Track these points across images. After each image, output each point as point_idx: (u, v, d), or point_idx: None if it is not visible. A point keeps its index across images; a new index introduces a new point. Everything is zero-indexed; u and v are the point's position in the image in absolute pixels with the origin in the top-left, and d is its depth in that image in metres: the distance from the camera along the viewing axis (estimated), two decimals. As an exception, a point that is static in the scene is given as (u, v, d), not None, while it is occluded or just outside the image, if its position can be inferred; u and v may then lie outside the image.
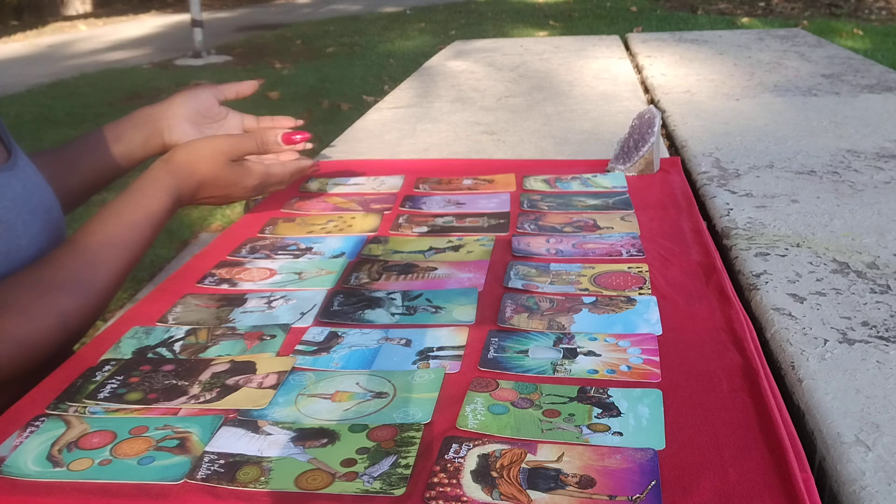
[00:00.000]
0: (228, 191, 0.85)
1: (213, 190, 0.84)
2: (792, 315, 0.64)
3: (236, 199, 0.88)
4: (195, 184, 0.82)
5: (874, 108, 1.30)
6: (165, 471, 0.49)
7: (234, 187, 0.85)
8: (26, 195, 0.73)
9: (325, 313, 0.69)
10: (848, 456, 0.47)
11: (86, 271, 0.70)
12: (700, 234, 0.82)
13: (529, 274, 0.75)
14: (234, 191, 0.86)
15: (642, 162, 1.02)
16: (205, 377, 0.59)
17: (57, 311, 0.66)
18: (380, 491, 0.46)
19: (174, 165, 0.81)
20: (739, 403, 0.53)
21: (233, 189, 0.85)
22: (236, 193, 0.86)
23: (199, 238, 2.91)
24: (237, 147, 0.84)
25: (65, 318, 0.66)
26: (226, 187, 0.85)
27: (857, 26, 6.48)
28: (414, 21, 8.30)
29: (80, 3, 11.60)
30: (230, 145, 0.84)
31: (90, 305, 0.69)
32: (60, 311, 0.66)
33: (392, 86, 1.89)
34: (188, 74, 6.14)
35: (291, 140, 0.88)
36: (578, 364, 0.59)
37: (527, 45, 2.22)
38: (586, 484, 0.46)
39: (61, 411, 0.56)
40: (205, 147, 0.83)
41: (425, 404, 0.55)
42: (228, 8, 11.23)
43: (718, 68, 1.70)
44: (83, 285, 0.69)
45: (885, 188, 0.93)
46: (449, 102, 1.55)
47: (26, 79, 6.18)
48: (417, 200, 0.98)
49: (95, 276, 0.70)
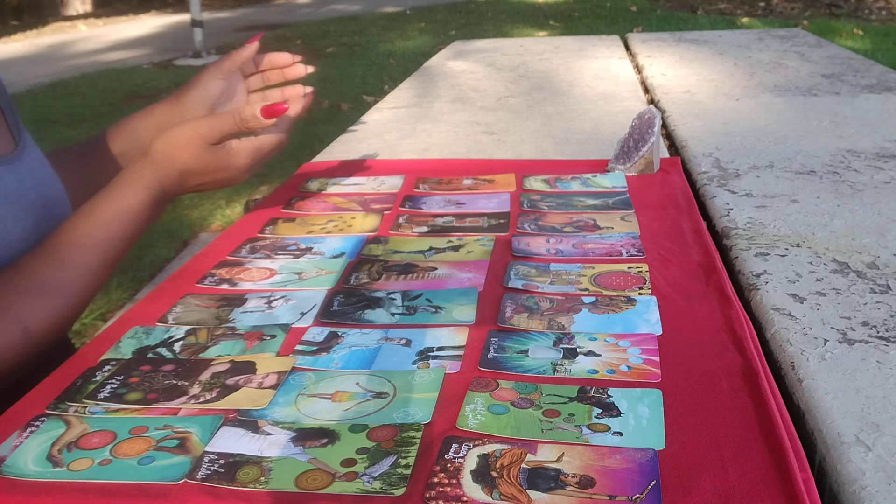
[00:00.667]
0: (219, 175, 0.81)
1: (201, 176, 0.81)
2: (792, 315, 0.64)
3: (234, 181, 0.84)
4: (177, 173, 0.79)
5: (874, 108, 1.30)
6: (165, 471, 0.49)
7: (225, 170, 0.81)
8: (22, 190, 0.72)
9: (325, 313, 0.69)
10: (848, 456, 0.47)
11: (53, 274, 0.67)
12: (700, 234, 0.82)
13: (529, 274, 0.75)
14: (225, 174, 0.82)
15: (642, 162, 1.02)
16: (205, 377, 0.59)
17: (15, 318, 0.63)
18: (380, 491, 0.46)
19: (151, 158, 0.78)
20: (739, 403, 0.53)
21: (223, 173, 0.81)
22: (230, 176, 0.82)
23: (199, 238, 2.91)
24: (214, 129, 0.79)
25: (25, 325, 0.64)
26: (213, 171, 0.81)
27: (857, 26, 6.48)
28: (414, 21, 8.30)
29: (80, 3, 11.60)
30: (207, 127, 0.79)
31: (57, 309, 0.66)
32: (19, 318, 0.63)
33: (392, 86, 1.89)
34: (188, 74, 6.13)
35: (272, 113, 0.80)
36: (578, 364, 0.59)
37: (527, 45, 2.22)
38: (586, 484, 0.46)
39: (61, 411, 0.56)
40: (181, 134, 0.79)
41: (425, 404, 0.55)
42: (228, 8, 11.24)
43: (718, 68, 1.70)
44: (49, 289, 0.66)
45: (885, 188, 0.93)
46: (449, 102, 1.55)
47: (26, 79, 6.19)
48: (417, 200, 0.98)
49: (63, 279, 0.67)
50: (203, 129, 0.79)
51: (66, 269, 0.68)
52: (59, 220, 0.76)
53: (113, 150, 0.90)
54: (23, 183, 0.73)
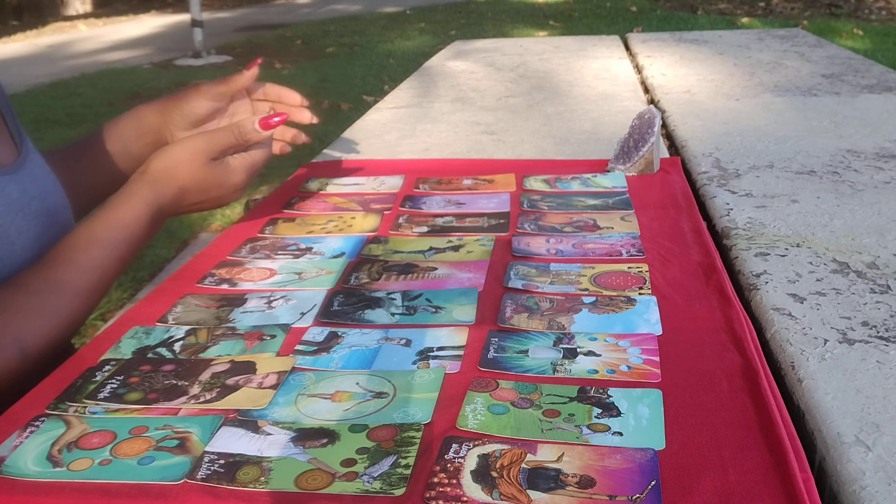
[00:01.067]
0: (214, 193, 0.81)
1: (198, 195, 0.81)
2: (792, 315, 0.64)
3: (227, 200, 0.83)
4: (176, 190, 0.79)
5: (874, 108, 1.30)
6: (165, 471, 0.49)
7: (221, 188, 0.81)
8: (25, 200, 0.72)
9: (325, 313, 0.69)
10: (848, 456, 0.47)
11: (51, 294, 0.67)
12: (700, 234, 0.82)
13: (529, 274, 0.75)
14: (221, 192, 0.82)
15: (642, 162, 1.02)
16: (205, 377, 0.59)
17: (14, 337, 0.63)
18: (380, 491, 0.46)
19: (150, 175, 0.77)
20: (739, 403, 0.53)
21: (219, 190, 0.81)
22: (225, 194, 0.82)
23: (199, 238, 2.91)
24: (215, 143, 0.80)
25: (22, 344, 0.63)
26: (210, 189, 0.81)
27: (857, 26, 6.48)
28: (414, 21, 8.30)
29: (80, 3, 11.60)
30: (207, 143, 0.79)
31: (54, 329, 0.66)
32: (17, 336, 0.63)
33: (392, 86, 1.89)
34: (188, 74, 6.14)
35: (269, 125, 0.82)
36: (578, 364, 0.59)
37: (527, 45, 2.22)
38: (586, 484, 0.46)
39: (61, 411, 0.56)
40: (181, 150, 0.79)
41: (425, 404, 0.55)
42: (228, 8, 11.24)
43: (718, 68, 1.70)
44: (46, 309, 0.66)
45: (885, 188, 0.93)
46: (449, 102, 1.55)
47: (26, 79, 6.19)
48: (417, 200, 0.98)
49: (60, 300, 0.67)
50: (202, 144, 0.79)
51: (65, 290, 0.68)
52: (63, 228, 0.76)
53: (103, 150, 0.90)
54: (26, 192, 0.73)
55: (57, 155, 0.88)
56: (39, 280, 0.67)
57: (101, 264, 0.71)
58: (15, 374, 0.63)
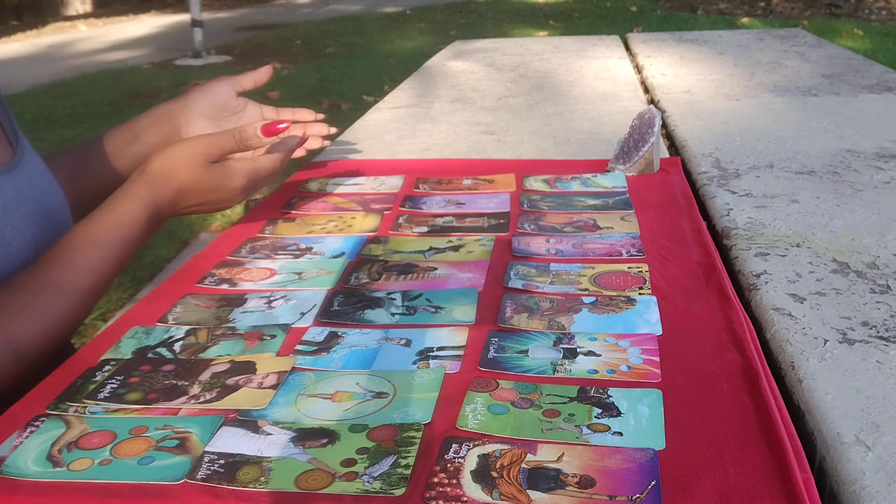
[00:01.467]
0: (212, 196, 0.80)
1: (197, 197, 0.80)
2: (792, 315, 0.64)
3: (226, 203, 0.83)
4: (174, 191, 0.78)
5: (874, 108, 1.30)
6: (165, 471, 0.49)
7: (219, 191, 0.80)
8: (21, 200, 0.72)
9: (325, 313, 0.69)
10: (848, 456, 0.47)
11: (47, 295, 0.66)
12: (700, 234, 0.82)
13: (529, 274, 0.75)
14: (219, 195, 0.81)
15: (642, 162, 1.02)
16: (205, 377, 0.59)
17: (8, 339, 0.63)
18: (380, 491, 0.46)
19: (149, 175, 0.77)
20: (739, 403, 0.53)
21: (218, 193, 0.80)
22: (224, 197, 0.81)
23: (199, 238, 2.91)
24: (215, 146, 0.79)
25: (16, 346, 0.63)
26: (209, 192, 0.80)
27: (857, 26, 6.48)
28: (414, 21, 8.30)
29: (80, 3, 11.60)
30: (207, 145, 0.79)
31: (49, 331, 0.66)
32: (11, 338, 0.63)
33: (392, 86, 1.89)
34: (188, 74, 6.14)
35: (273, 131, 0.81)
36: (578, 364, 0.59)
37: (527, 45, 2.22)
38: (586, 484, 0.46)
39: (61, 411, 0.56)
40: (181, 151, 0.78)
41: (425, 404, 0.55)
42: (228, 8, 11.24)
43: (718, 68, 1.70)
44: (42, 310, 0.66)
45: (885, 188, 0.93)
46: (449, 102, 1.55)
47: (26, 79, 6.19)
48: (417, 200, 0.98)
49: (56, 301, 0.67)
50: (202, 146, 0.79)
51: (61, 292, 0.67)
52: (60, 228, 0.75)
53: (112, 150, 0.90)
54: (22, 192, 0.73)
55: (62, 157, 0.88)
56: (36, 281, 0.67)
57: (99, 265, 0.70)
58: (10, 375, 0.63)
